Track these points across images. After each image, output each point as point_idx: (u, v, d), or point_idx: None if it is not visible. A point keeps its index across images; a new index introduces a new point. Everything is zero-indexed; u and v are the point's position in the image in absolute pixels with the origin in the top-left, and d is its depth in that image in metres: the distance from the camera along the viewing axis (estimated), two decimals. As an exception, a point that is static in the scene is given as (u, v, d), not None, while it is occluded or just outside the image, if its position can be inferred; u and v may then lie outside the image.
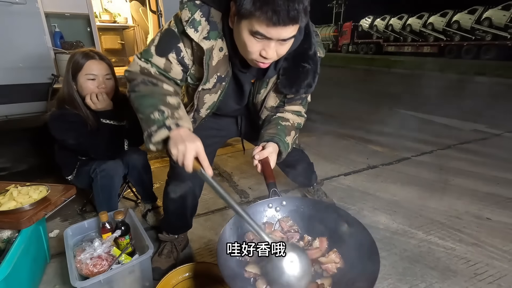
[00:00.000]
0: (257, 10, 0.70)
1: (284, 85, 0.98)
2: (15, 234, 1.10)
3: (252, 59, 0.83)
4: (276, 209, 0.97)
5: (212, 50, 0.89)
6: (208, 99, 1.02)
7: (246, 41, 0.78)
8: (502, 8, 14.97)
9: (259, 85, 1.04)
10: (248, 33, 0.76)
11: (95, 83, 1.35)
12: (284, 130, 1.05)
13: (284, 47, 0.81)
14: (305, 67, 0.94)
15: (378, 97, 5.93)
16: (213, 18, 0.86)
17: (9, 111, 2.23)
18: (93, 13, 2.51)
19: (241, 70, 0.96)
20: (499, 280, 1.29)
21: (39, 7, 2.13)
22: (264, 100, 1.07)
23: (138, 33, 4.03)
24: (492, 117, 4.11)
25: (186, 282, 1.11)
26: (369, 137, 3.25)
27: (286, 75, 0.96)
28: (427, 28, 18.73)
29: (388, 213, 1.79)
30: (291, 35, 0.77)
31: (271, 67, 0.94)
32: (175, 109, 0.87)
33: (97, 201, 1.47)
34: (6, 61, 2.12)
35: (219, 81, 0.96)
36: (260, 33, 0.74)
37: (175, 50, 0.90)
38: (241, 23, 0.77)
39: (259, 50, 0.79)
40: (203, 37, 0.86)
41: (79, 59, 1.33)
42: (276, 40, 0.76)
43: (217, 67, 0.92)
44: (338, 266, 0.83)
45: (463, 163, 2.55)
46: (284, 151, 1.03)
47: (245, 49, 0.81)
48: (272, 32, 0.73)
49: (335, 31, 27.39)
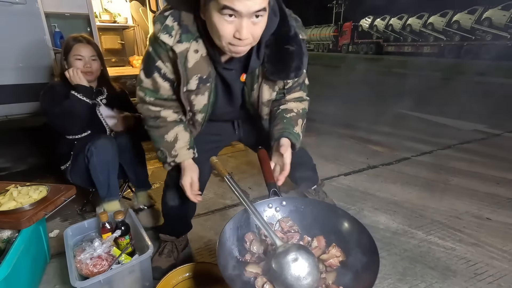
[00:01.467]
0: None
1: (271, 72, 0.94)
2: (15, 234, 1.10)
3: (227, 44, 0.80)
4: (276, 209, 0.97)
5: (186, 53, 0.89)
6: (197, 101, 1.01)
7: (217, 24, 0.76)
8: (502, 8, 14.97)
9: (250, 81, 1.01)
10: (217, 13, 0.74)
11: (82, 63, 1.53)
12: (290, 122, 1.05)
13: (258, 27, 0.78)
14: (288, 49, 0.91)
15: (378, 97, 5.93)
16: (183, 21, 0.86)
17: (9, 111, 2.23)
18: (93, 13, 2.51)
19: (225, 68, 0.95)
20: (499, 280, 1.29)
21: (39, 7, 2.13)
22: (259, 96, 1.04)
23: (138, 33, 4.03)
24: (492, 117, 4.11)
25: (186, 282, 1.11)
26: (369, 137, 3.25)
27: (271, 62, 0.93)
28: (427, 28, 18.74)
29: (388, 213, 1.79)
30: (261, 7, 0.73)
31: (253, 57, 0.91)
32: (172, 148, 1.04)
33: (97, 184, 1.48)
34: (6, 61, 2.12)
35: (201, 82, 0.95)
36: (228, 7, 0.71)
37: (156, 70, 0.95)
38: (210, 6, 0.75)
39: (232, 32, 0.76)
40: (176, 41, 0.87)
41: (69, 41, 1.54)
42: (246, 15, 0.73)
43: (196, 68, 0.92)
44: (340, 259, 0.84)
45: (463, 163, 2.55)
46: (296, 141, 1.04)
47: (218, 34, 0.78)
48: (239, 3, 0.70)
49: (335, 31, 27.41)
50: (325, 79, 9.36)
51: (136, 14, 3.89)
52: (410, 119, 4.19)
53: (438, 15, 18.20)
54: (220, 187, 2.05)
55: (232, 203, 1.86)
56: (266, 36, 0.86)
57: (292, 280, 0.74)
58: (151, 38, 0.93)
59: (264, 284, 0.77)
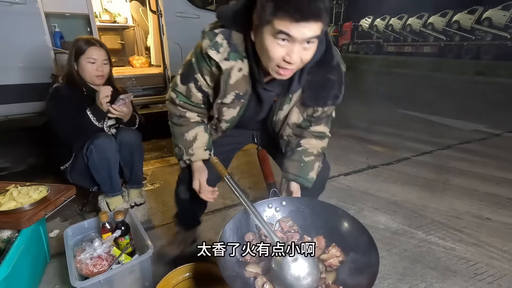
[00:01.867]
0: (279, 10, 0.71)
1: (309, 98, 0.97)
2: (15, 234, 1.10)
3: (275, 66, 0.82)
4: (276, 209, 0.97)
5: (231, 70, 0.92)
6: (227, 113, 1.05)
7: (269, 46, 0.78)
8: (502, 8, 14.96)
9: (281, 102, 1.02)
10: (271, 37, 0.76)
11: (94, 66, 1.52)
12: (306, 168, 1.07)
13: (308, 52, 0.80)
14: (329, 78, 0.94)
15: (378, 97, 5.92)
16: (233, 40, 0.89)
17: (9, 111, 2.23)
18: (93, 13, 2.51)
19: (265, 88, 0.97)
20: (499, 280, 1.29)
21: (39, 7, 2.13)
22: (287, 117, 1.05)
23: (138, 33, 4.03)
24: (492, 117, 4.11)
25: (186, 282, 1.11)
26: (369, 137, 3.25)
27: (311, 88, 0.96)
28: (427, 28, 18.72)
29: (388, 213, 1.79)
30: (315, 35, 0.75)
31: (295, 81, 0.93)
32: (189, 146, 1.07)
33: (99, 181, 1.53)
34: (6, 61, 2.12)
35: (237, 98, 0.99)
36: (284, 32, 0.73)
37: (193, 81, 1.00)
38: (264, 30, 0.77)
39: (283, 55, 0.78)
40: (224, 58, 0.90)
41: (82, 44, 1.51)
42: (299, 41, 0.75)
43: (235, 86, 0.95)
44: (340, 259, 0.84)
45: (463, 163, 2.55)
46: (309, 185, 1.08)
47: (268, 56, 0.80)
48: (295, 30, 0.72)
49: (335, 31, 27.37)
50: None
51: (136, 14, 3.89)
52: (410, 119, 4.20)
53: (438, 15, 18.18)
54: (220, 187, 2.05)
55: (232, 203, 1.86)
56: (310, 62, 0.87)
57: (292, 280, 0.74)
58: (197, 51, 0.96)
59: (264, 284, 0.77)
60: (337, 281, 0.80)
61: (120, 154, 1.56)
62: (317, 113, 1.05)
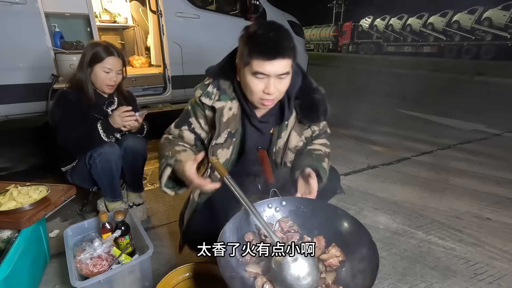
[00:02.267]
0: (253, 53, 0.89)
1: (304, 117, 1.11)
2: (15, 234, 1.10)
3: (258, 99, 0.97)
4: (276, 209, 0.97)
5: (223, 109, 1.05)
6: (221, 154, 1.08)
7: (250, 83, 0.94)
8: (502, 8, 14.97)
9: (278, 130, 1.12)
10: (251, 75, 0.93)
11: (108, 76, 1.49)
12: (319, 158, 1.09)
13: (283, 84, 0.95)
14: (315, 97, 1.09)
15: (378, 97, 5.92)
16: (222, 86, 1.05)
17: (9, 111, 2.23)
18: (93, 13, 2.51)
19: (260, 121, 1.09)
20: (499, 280, 1.29)
21: (39, 7, 2.13)
22: (287, 142, 1.12)
23: (138, 33, 4.03)
24: (492, 117, 4.11)
25: (186, 282, 1.11)
26: (369, 137, 3.25)
27: (303, 109, 1.10)
28: (427, 28, 18.72)
29: (388, 213, 1.79)
30: (285, 71, 0.91)
31: (286, 109, 1.07)
32: (177, 152, 1.01)
33: (101, 187, 1.55)
34: (6, 61, 2.12)
35: (230, 137, 1.07)
36: (259, 72, 0.90)
37: (187, 124, 1.11)
38: (245, 71, 0.94)
39: (262, 88, 0.93)
40: (216, 100, 1.04)
41: (101, 52, 1.47)
42: (274, 76, 0.91)
43: (227, 123, 1.06)
44: (340, 259, 0.84)
45: (463, 163, 2.55)
46: (324, 176, 1.06)
47: (251, 91, 0.95)
48: (267, 67, 0.89)
49: (335, 31, 27.38)
50: (325, 79, 9.35)
51: (136, 14, 3.89)
52: (410, 119, 4.20)
53: (438, 15, 18.18)
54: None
55: (232, 203, 1.85)
56: (294, 90, 1.05)
57: (291, 280, 0.74)
58: (191, 101, 1.12)
59: (264, 284, 0.77)
60: (337, 281, 0.80)
61: (124, 160, 1.55)
62: (315, 133, 1.18)
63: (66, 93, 1.49)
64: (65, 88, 1.54)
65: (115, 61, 1.49)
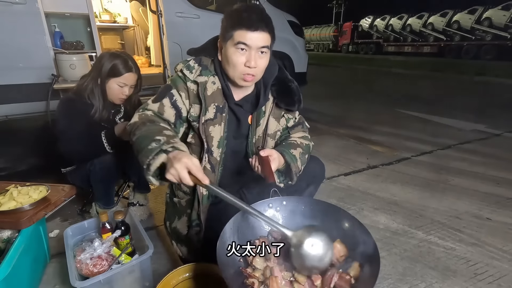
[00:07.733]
0: (236, 25, 0.95)
1: (281, 101, 1.14)
2: (15, 234, 1.10)
3: (239, 73, 0.99)
4: (277, 209, 0.97)
5: (206, 84, 1.06)
6: (215, 132, 1.06)
7: (232, 56, 0.97)
8: (502, 8, 14.95)
9: (257, 118, 1.13)
10: (233, 48, 0.97)
11: (122, 90, 1.48)
12: (288, 146, 1.11)
13: (263, 60, 1.00)
14: (290, 86, 1.15)
15: (378, 97, 5.93)
16: (203, 62, 1.08)
17: (9, 111, 2.23)
18: (93, 13, 2.51)
19: (237, 103, 1.09)
20: (499, 280, 1.29)
21: (39, 7, 2.13)
22: (266, 129, 1.14)
23: (138, 33, 4.03)
24: (492, 117, 4.12)
25: (186, 282, 1.11)
26: (369, 137, 3.25)
27: (280, 94, 1.14)
28: (427, 28, 18.70)
29: (388, 213, 1.79)
30: (265, 44, 0.97)
31: (261, 95, 1.09)
32: (171, 137, 0.92)
33: (97, 194, 1.54)
34: (6, 61, 2.12)
35: (218, 111, 1.06)
36: (241, 42, 0.94)
37: (168, 96, 1.06)
38: (227, 45, 0.98)
39: (244, 61, 0.97)
40: (197, 75, 1.06)
41: (120, 67, 1.43)
42: (254, 49, 0.95)
43: (212, 97, 1.05)
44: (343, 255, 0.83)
45: (463, 163, 2.55)
46: (292, 162, 1.06)
47: (233, 65, 0.98)
48: (250, 37, 0.94)
49: (335, 31, 27.36)
50: (325, 79, 9.36)
51: (136, 14, 3.89)
52: (410, 119, 4.20)
53: (438, 15, 18.16)
54: (220, 187, 2.04)
55: (232, 203, 1.85)
56: (271, 78, 1.10)
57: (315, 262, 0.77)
58: (171, 77, 1.11)
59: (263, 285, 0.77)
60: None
61: (130, 163, 1.53)
62: (289, 122, 1.20)
63: (72, 101, 1.44)
64: (71, 94, 1.49)
65: (132, 77, 1.47)
